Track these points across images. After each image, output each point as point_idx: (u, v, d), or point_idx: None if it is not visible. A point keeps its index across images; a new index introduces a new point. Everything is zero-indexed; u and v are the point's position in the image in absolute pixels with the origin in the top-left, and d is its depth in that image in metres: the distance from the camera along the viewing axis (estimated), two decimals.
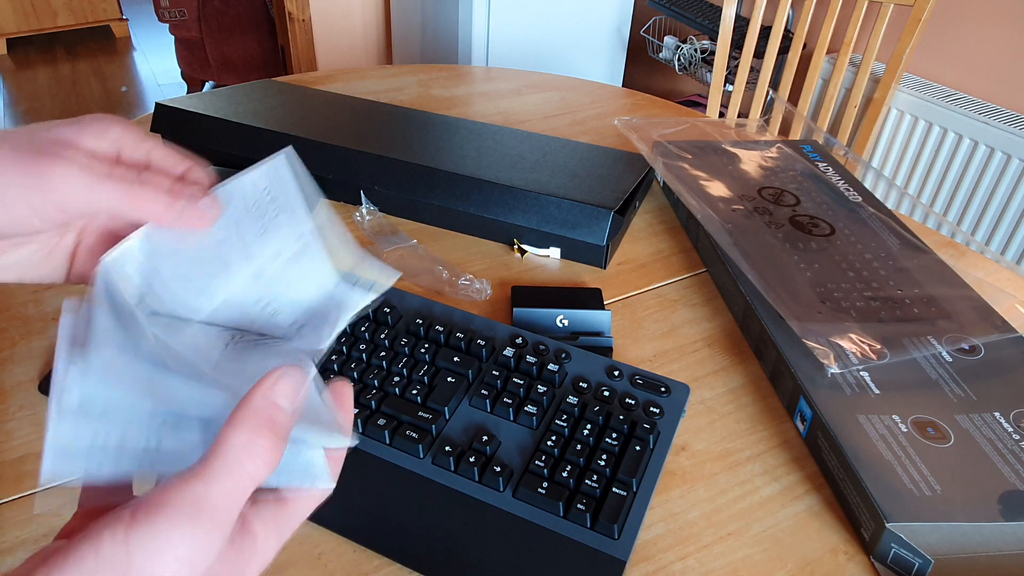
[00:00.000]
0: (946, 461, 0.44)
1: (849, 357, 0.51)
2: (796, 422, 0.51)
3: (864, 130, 1.40)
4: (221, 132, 0.75)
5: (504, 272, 0.66)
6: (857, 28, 1.31)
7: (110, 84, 2.95)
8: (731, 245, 0.61)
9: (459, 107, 0.97)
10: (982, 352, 0.52)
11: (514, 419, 0.48)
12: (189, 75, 2.71)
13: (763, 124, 0.89)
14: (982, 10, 1.44)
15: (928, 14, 1.24)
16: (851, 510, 0.44)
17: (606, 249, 0.66)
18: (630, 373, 0.50)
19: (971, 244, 0.72)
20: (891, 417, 0.47)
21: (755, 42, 1.43)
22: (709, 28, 1.73)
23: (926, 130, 1.51)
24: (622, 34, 2.05)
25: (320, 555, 0.42)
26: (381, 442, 0.46)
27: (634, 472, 0.44)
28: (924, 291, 0.58)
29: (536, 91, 1.04)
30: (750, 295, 0.58)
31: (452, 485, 0.44)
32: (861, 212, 0.68)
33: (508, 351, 0.51)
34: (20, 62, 3.08)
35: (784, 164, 0.75)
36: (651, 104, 1.02)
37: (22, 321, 0.57)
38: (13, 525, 0.42)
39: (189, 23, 2.54)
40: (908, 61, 1.30)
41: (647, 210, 0.77)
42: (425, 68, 1.10)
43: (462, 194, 0.68)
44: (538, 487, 0.43)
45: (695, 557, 0.43)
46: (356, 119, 0.79)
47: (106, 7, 3.27)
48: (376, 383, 0.49)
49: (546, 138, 0.78)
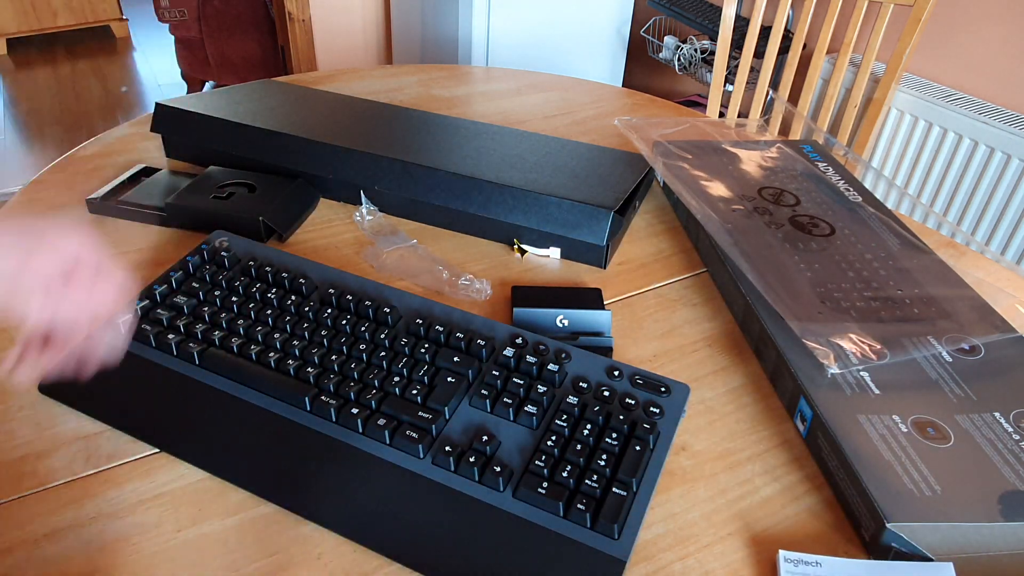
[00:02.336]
0: (946, 461, 0.44)
1: (849, 357, 0.51)
2: (796, 422, 0.51)
3: (864, 130, 1.40)
4: (221, 132, 0.75)
5: (504, 272, 0.66)
6: (857, 28, 1.31)
7: (110, 84, 2.95)
8: (731, 245, 0.61)
9: (459, 107, 0.97)
10: (982, 352, 0.52)
11: (514, 419, 0.48)
12: (189, 75, 2.71)
13: (763, 124, 0.88)
14: (982, 10, 1.44)
15: (928, 14, 1.24)
16: (851, 510, 0.44)
17: (606, 249, 0.66)
18: (630, 373, 0.50)
19: (971, 244, 0.72)
20: (891, 417, 0.47)
21: (755, 42, 1.43)
22: (709, 28, 1.73)
23: (926, 130, 1.51)
24: (622, 34, 2.05)
25: (320, 555, 0.42)
26: (381, 442, 0.46)
27: (634, 472, 0.44)
28: (924, 291, 0.58)
29: (536, 91, 1.04)
30: (750, 295, 0.58)
31: (452, 485, 0.44)
32: (861, 212, 0.68)
33: (508, 351, 0.51)
34: (20, 62, 3.08)
35: (784, 164, 0.75)
36: (651, 104, 1.02)
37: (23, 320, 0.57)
38: (13, 525, 0.42)
39: (189, 23, 2.53)
40: (908, 61, 1.30)
41: (647, 210, 0.77)
42: (425, 68, 1.10)
43: (462, 194, 0.68)
44: (538, 487, 0.43)
45: (695, 557, 0.43)
46: (356, 119, 0.79)
47: (106, 7, 3.27)
48: (376, 383, 0.49)
49: (546, 138, 0.78)
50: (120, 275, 0.43)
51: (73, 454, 0.47)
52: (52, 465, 0.46)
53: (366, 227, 0.70)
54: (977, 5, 1.45)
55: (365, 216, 0.71)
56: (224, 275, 0.57)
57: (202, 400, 0.49)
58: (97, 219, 0.70)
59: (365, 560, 0.41)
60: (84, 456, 0.47)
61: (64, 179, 0.76)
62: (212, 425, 0.47)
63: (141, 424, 0.48)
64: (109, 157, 0.81)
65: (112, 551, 0.41)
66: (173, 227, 0.69)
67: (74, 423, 0.49)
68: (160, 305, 0.55)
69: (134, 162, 0.80)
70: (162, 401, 0.49)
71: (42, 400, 0.50)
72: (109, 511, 0.43)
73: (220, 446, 0.46)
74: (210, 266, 0.58)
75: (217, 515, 0.43)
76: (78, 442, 0.47)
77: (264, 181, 0.71)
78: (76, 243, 0.41)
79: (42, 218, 0.39)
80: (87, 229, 0.42)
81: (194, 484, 0.45)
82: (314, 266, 0.59)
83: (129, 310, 0.41)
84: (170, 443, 0.47)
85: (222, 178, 0.71)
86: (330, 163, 0.72)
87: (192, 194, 0.68)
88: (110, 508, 0.44)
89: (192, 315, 0.54)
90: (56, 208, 0.71)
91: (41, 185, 0.75)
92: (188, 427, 0.47)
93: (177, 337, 0.52)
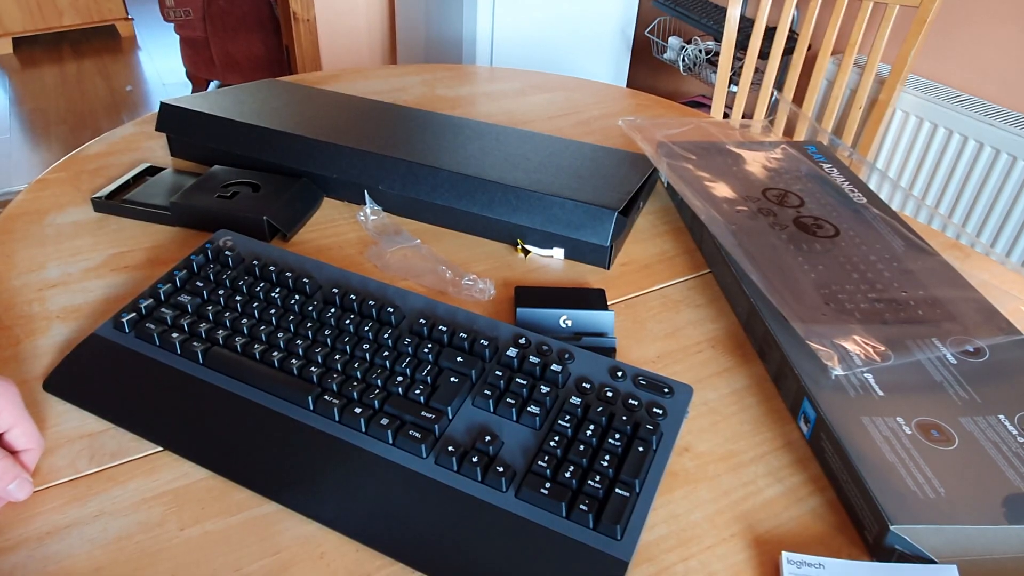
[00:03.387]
0: (950, 463, 0.44)
1: (853, 359, 0.50)
2: (799, 424, 0.51)
3: (868, 131, 1.39)
4: (225, 131, 0.75)
5: (507, 272, 0.66)
6: (862, 29, 1.30)
7: (115, 83, 2.96)
8: (735, 246, 0.61)
9: (463, 107, 0.97)
10: (987, 354, 0.52)
11: (517, 419, 0.47)
12: (194, 74, 2.72)
13: (767, 125, 0.88)
14: (988, 11, 1.44)
15: (933, 15, 1.24)
16: (854, 512, 0.44)
17: (610, 250, 0.66)
18: (633, 374, 0.50)
19: (976, 246, 0.72)
20: (895, 419, 0.47)
21: (759, 43, 1.43)
22: (713, 29, 1.73)
23: (931, 131, 1.50)
24: (626, 35, 2.04)
25: (322, 554, 0.42)
26: (384, 442, 0.46)
27: (637, 473, 0.44)
28: (928, 293, 0.57)
29: (540, 91, 1.04)
30: (754, 296, 0.58)
31: (455, 485, 0.44)
32: (865, 213, 0.68)
33: (511, 351, 0.51)
34: (26, 61, 3.09)
35: (788, 165, 0.75)
36: (655, 105, 1.02)
37: (27, 319, 0.57)
38: (14, 524, 0.42)
39: (194, 22, 2.54)
40: (913, 62, 1.29)
41: (651, 211, 0.77)
42: (429, 68, 1.10)
43: (466, 194, 0.68)
44: (540, 487, 0.43)
45: (698, 558, 0.43)
46: (360, 119, 0.79)
47: (111, 6, 3.28)
48: (379, 382, 0.49)
49: (550, 138, 0.78)
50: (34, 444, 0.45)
51: (76, 452, 0.47)
52: (55, 463, 0.46)
53: (370, 227, 0.70)
54: (983, 6, 1.44)
55: (369, 216, 0.71)
56: (228, 274, 0.57)
57: (205, 399, 0.49)
58: (101, 218, 0.70)
59: (367, 559, 0.41)
60: (88, 454, 0.47)
61: (69, 178, 0.76)
62: (215, 424, 0.47)
63: (144, 422, 0.48)
64: (114, 156, 0.81)
65: (115, 549, 0.41)
66: (177, 226, 0.69)
67: (77, 421, 0.49)
68: (164, 304, 0.55)
69: (139, 161, 0.80)
70: (166, 399, 0.49)
71: (46, 398, 0.50)
72: (112, 509, 0.43)
73: (223, 445, 0.46)
74: (214, 265, 0.58)
75: (220, 513, 0.44)
76: (81, 440, 0.48)
77: (268, 180, 0.71)
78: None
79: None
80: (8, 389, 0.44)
81: (197, 483, 0.45)
82: (318, 265, 0.59)
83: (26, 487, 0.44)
84: (173, 441, 0.47)
85: (226, 177, 0.71)
86: (334, 163, 0.72)
87: (196, 193, 0.69)
88: (113, 506, 0.44)
89: (196, 314, 0.54)
90: (61, 206, 0.71)
91: (46, 183, 0.75)
92: (191, 425, 0.47)
93: (181, 336, 0.52)
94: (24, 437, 0.44)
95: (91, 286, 0.61)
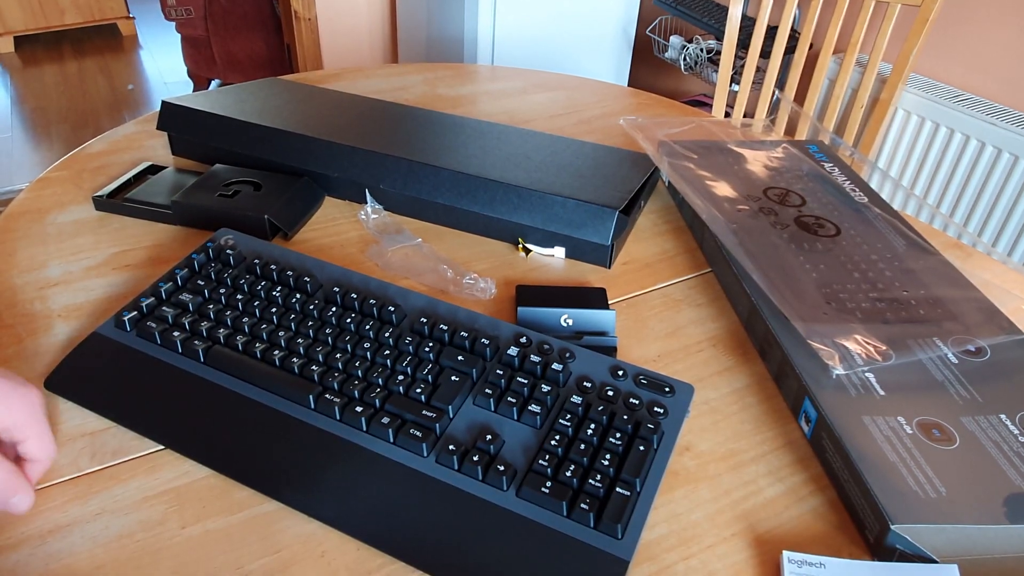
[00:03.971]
0: (951, 463, 0.44)
1: (854, 358, 0.50)
2: (800, 423, 0.51)
3: (870, 130, 1.39)
4: (227, 130, 0.75)
5: (508, 271, 0.66)
6: (864, 28, 1.30)
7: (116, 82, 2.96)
8: (736, 245, 0.61)
9: (464, 106, 0.97)
10: (988, 354, 0.52)
11: (518, 418, 0.48)
12: (195, 73, 2.72)
13: (769, 124, 0.88)
14: (989, 10, 1.44)
15: (935, 14, 1.23)
16: (855, 512, 0.44)
17: (611, 249, 0.65)
18: (634, 373, 0.50)
19: (977, 245, 0.72)
20: (896, 419, 0.47)
21: (761, 42, 1.43)
22: (715, 28, 1.73)
23: (933, 130, 1.50)
24: (628, 34, 2.04)
25: (323, 553, 0.42)
26: (385, 440, 0.46)
27: (637, 472, 0.44)
28: (930, 292, 0.57)
29: (541, 90, 1.04)
30: (755, 295, 0.58)
31: (455, 484, 0.44)
32: (867, 213, 0.68)
33: (512, 350, 0.51)
34: (27, 59, 3.09)
35: (790, 164, 0.75)
36: (656, 104, 1.02)
37: (29, 318, 0.57)
38: (16, 522, 0.43)
39: (195, 21, 2.54)
40: (915, 61, 1.29)
41: (652, 210, 0.77)
42: (430, 67, 1.10)
43: (467, 193, 0.68)
44: (541, 486, 0.43)
45: (698, 558, 0.43)
46: (361, 118, 0.79)
47: (113, 5, 3.28)
48: (380, 381, 0.49)
49: (551, 137, 0.78)
50: (47, 451, 0.44)
51: (78, 450, 0.47)
52: (57, 461, 0.46)
53: (371, 226, 0.70)
54: (984, 5, 1.44)
55: (370, 215, 0.71)
56: (229, 273, 0.57)
57: (207, 397, 0.49)
58: (103, 216, 0.70)
59: (368, 558, 0.41)
60: (89, 452, 0.47)
61: (70, 176, 0.77)
62: (217, 422, 0.47)
63: (146, 421, 0.48)
64: (115, 155, 0.81)
65: (117, 547, 0.41)
66: (179, 225, 0.69)
67: (79, 419, 0.49)
68: (165, 303, 0.55)
69: (140, 160, 0.80)
70: (167, 398, 0.49)
71: (47, 396, 0.50)
72: (114, 507, 0.44)
73: (224, 443, 0.46)
74: (215, 264, 0.58)
75: (221, 512, 0.44)
76: (83, 438, 0.48)
77: (269, 179, 0.71)
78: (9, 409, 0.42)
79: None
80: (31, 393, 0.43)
81: (198, 481, 0.45)
82: (319, 264, 0.59)
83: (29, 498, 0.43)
84: (175, 440, 0.47)
85: (228, 176, 0.71)
86: (335, 162, 0.72)
87: (198, 192, 0.69)
88: (115, 504, 0.44)
89: (197, 313, 0.54)
90: (62, 205, 0.71)
91: (47, 182, 0.75)
92: (193, 424, 0.47)
93: (182, 334, 0.52)
94: (37, 448, 0.43)
95: (92, 285, 0.61)
